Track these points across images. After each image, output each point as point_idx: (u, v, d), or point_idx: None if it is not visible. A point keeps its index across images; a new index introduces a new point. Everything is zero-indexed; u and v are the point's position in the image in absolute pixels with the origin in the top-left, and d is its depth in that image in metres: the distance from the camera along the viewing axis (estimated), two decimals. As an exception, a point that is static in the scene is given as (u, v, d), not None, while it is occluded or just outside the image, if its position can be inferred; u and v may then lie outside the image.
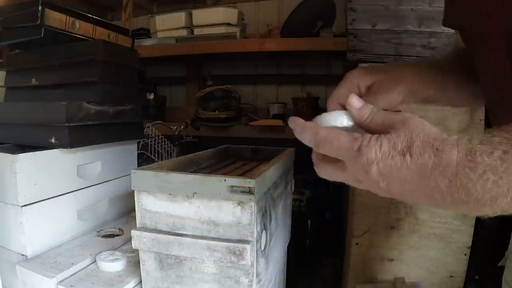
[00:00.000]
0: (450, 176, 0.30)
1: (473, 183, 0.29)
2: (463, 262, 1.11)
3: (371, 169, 0.33)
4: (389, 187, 0.33)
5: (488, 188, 0.29)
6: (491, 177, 0.28)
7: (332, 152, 0.35)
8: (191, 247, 0.61)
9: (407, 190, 0.33)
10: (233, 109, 1.79)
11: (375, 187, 0.34)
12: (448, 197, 0.31)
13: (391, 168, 0.32)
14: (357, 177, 0.35)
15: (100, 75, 0.87)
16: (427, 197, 0.32)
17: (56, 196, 0.78)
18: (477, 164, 0.29)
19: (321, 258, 1.61)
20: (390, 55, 1.10)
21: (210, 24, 1.77)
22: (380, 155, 0.32)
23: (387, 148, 0.32)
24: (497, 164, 0.28)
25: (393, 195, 0.34)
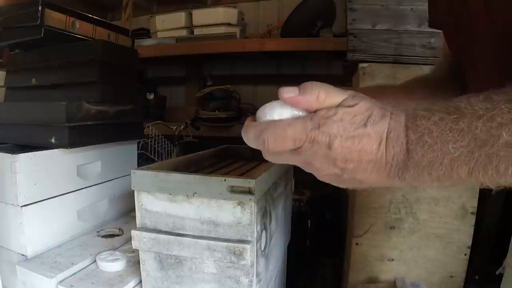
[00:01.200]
0: (402, 138, 0.31)
1: (414, 146, 0.30)
2: (463, 262, 1.11)
3: (333, 144, 0.32)
4: (345, 162, 0.33)
5: (425, 151, 0.30)
6: (427, 140, 0.30)
7: (287, 143, 0.33)
8: (191, 247, 0.61)
9: (363, 163, 0.32)
10: (233, 109, 1.79)
11: (328, 165, 0.33)
12: (398, 163, 0.31)
13: (353, 141, 0.32)
14: (310, 158, 0.34)
15: (100, 75, 0.87)
16: (379, 165, 0.32)
17: (56, 196, 0.78)
18: (418, 127, 0.30)
19: (321, 258, 1.61)
20: (390, 55, 1.10)
21: (210, 24, 1.76)
22: (342, 129, 0.32)
23: (348, 120, 0.32)
24: (432, 128, 0.30)
25: (343, 175, 0.34)
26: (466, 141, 0.28)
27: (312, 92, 0.34)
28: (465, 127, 0.29)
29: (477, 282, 1.19)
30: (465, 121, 0.29)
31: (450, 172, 0.30)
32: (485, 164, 0.28)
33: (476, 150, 0.28)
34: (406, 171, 0.31)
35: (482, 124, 0.28)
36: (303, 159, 0.34)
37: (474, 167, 0.29)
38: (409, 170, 0.31)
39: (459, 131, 0.29)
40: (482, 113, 0.28)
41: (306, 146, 0.33)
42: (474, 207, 1.08)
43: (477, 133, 0.28)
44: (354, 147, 0.32)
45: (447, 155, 0.29)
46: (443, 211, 1.09)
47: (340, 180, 0.35)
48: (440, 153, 0.29)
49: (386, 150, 0.32)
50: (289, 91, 0.34)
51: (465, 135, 0.29)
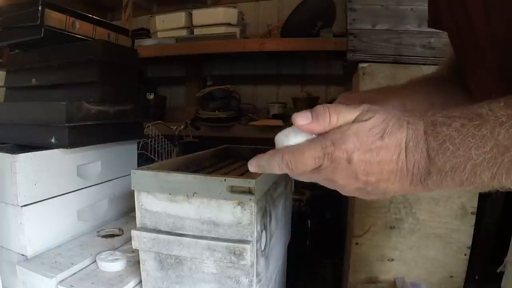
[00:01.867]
0: (422, 146, 0.31)
1: (436, 153, 0.31)
2: (463, 262, 1.11)
3: (353, 159, 0.33)
4: (367, 175, 0.33)
5: (447, 157, 0.30)
6: (449, 147, 0.30)
7: (308, 163, 0.34)
8: (191, 247, 0.61)
9: (384, 175, 0.33)
10: (233, 109, 1.79)
11: (351, 180, 0.34)
12: (419, 170, 0.32)
13: (371, 153, 0.33)
14: (332, 175, 0.34)
15: (100, 75, 0.87)
16: (401, 175, 0.33)
17: (56, 196, 0.78)
18: (438, 134, 0.31)
19: (321, 258, 1.61)
20: (390, 55, 1.10)
21: (210, 24, 1.76)
22: (359, 143, 0.33)
23: (365, 134, 0.33)
24: (454, 135, 0.30)
25: (367, 188, 0.34)
26: (489, 147, 0.29)
27: (324, 117, 0.35)
28: (488, 133, 0.29)
29: (477, 282, 1.19)
30: (487, 127, 0.29)
31: (473, 177, 0.30)
32: (508, 168, 0.29)
33: (499, 156, 0.29)
34: (428, 178, 0.32)
35: (505, 130, 0.29)
36: (325, 177, 0.35)
37: (497, 172, 0.29)
38: (431, 177, 0.31)
39: (481, 138, 0.29)
40: (505, 120, 0.29)
41: (325, 164, 0.34)
42: (474, 207, 1.08)
43: (500, 139, 0.29)
44: (373, 159, 0.33)
45: (470, 161, 0.30)
46: (443, 211, 1.09)
47: (365, 193, 0.35)
48: (462, 159, 0.30)
49: (406, 159, 0.32)
50: (303, 118, 0.35)
51: (488, 141, 0.29)
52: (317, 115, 0.35)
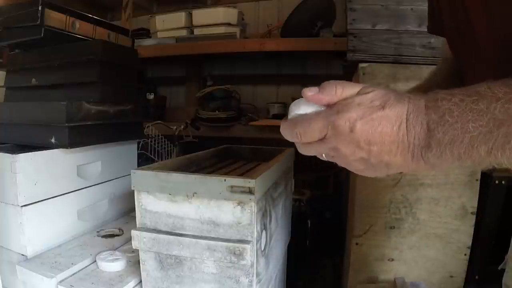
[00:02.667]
0: (422, 118, 0.33)
1: (435, 125, 0.32)
2: (463, 262, 1.11)
3: (355, 127, 0.34)
4: (369, 144, 0.34)
5: (446, 129, 0.32)
6: (448, 119, 0.32)
7: (314, 133, 0.37)
8: (191, 247, 0.61)
9: (386, 145, 0.34)
10: (233, 109, 1.79)
11: (354, 149, 0.35)
12: (420, 142, 0.33)
13: (373, 123, 0.34)
14: (336, 143, 0.36)
15: (100, 75, 0.87)
16: (402, 146, 0.34)
17: (56, 196, 0.78)
18: (439, 107, 0.32)
19: (321, 258, 1.61)
20: (390, 55, 1.10)
21: (210, 24, 1.76)
22: (361, 112, 0.35)
23: (366, 105, 0.35)
24: (453, 108, 0.32)
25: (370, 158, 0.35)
26: (485, 120, 0.30)
27: (330, 88, 0.38)
28: (484, 107, 0.30)
29: (477, 282, 1.19)
30: (484, 102, 0.30)
31: (470, 150, 0.31)
32: (503, 143, 0.30)
33: (495, 130, 0.30)
34: (428, 150, 0.33)
35: (500, 105, 0.30)
36: (330, 146, 0.37)
37: (493, 146, 0.30)
38: (431, 149, 0.33)
39: (478, 111, 0.30)
40: (501, 96, 0.30)
41: (329, 133, 0.36)
42: (474, 207, 1.08)
43: (496, 113, 0.30)
44: (374, 129, 0.34)
45: (467, 134, 0.31)
46: (443, 211, 1.09)
47: (369, 165, 0.36)
48: (460, 132, 0.31)
49: (407, 130, 0.33)
50: (311, 90, 0.38)
51: (484, 115, 0.30)
52: (324, 87, 0.38)
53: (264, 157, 0.95)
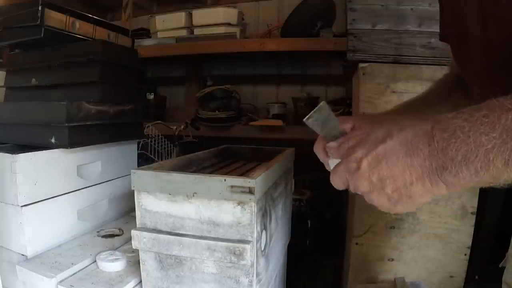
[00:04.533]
0: (429, 139, 0.33)
1: (447, 143, 0.32)
2: (463, 262, 1.11)
3: (361, 165, 0.36)
4: (380, 179, 0.36)
5: (458, 145, 0.32)
6: (460, 135, 0.32)
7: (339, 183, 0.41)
8: (191, 247, 0.61)
9: (396, 175, 0.35)
10: (233, 109, 1.79)
11: (369, 185, 0.37)
12: (432, 164, 0.33)
13: (377, 156, 0.36)
14: (354, 183, 0.39)
15: (100, 75, 0.87)
16: (416, 173, 0.34)
17: (56, 196, 0.78)
18: (448, 126, 0.33)
19: (321, 258, 1.61)
20: (390, 55, 1.10)
21: (210, 24, 1.76)
22: (366, 150, 0.37)
23: (370, 142, 0.37)
24: (463, 124, 0.32)
25: (387, 190, 0.36)
26: (498, 132, 0.30)
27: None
28: (496, 119, 0.30)
29: (477, 282, 1.19)
30: (495, 114, 0.30)
31: (487, 164, 0.31)
32: None
33: (509, 141, 0.30)
34: (444, 170, 0.33)
35: (511, 116, 0.30)
36: (353, 187, 0.39)
37: (509, 157, 0.30)
38: (446, 168, 0.32)
39: (490, 123, 0.30)
40: (510, 107, 0.30)
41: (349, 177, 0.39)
42: (474, 207, 1.08)
43: (508, 124, 0.30)
44: (380, 162, 0.35)
45: (481, 147, 0.31)
46: (443, 211, 1.09)
47: (392, 200, 0.37)
48: (474, 146, 0.31)
49: (414, 154, 0.34)
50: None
51: (496, 126, 0.30)
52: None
53: (264, 157, 0.95)
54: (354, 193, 0.43)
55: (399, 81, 1.09)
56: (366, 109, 1.10)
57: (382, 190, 0.36)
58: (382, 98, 1.09)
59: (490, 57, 0.44)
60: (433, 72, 1.06)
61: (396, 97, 1.09)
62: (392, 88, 1.09)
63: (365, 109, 1.10)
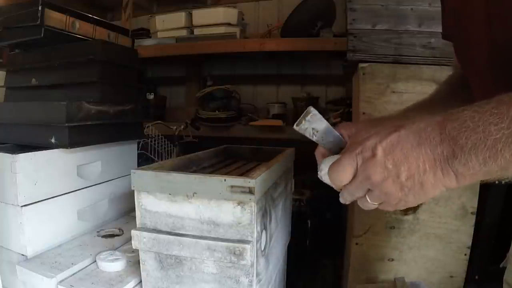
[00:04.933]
0: (440, 129, 0.34)
1: (457, 132, 0.33)
2: (463, 262, 1.11)
3: (376, 151, 0.37)
4: (395, 165, 0.36)
5: (468, 134, 0.33)
6: (470, 125, 0.33)
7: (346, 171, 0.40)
8: (191, 247, 0.61)
9: (410, 162, 0.36)
10: (233, 109, 1.79)
11: (384, 172, 0.37)
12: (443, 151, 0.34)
13: (391, 142, 0.36)
14: (367, 171, 0.38)
15: (100, 75, 0.87)
16: (428, 161, 0.35)
17: (56, 196, 0.78)
18: (459, 116, 0.34)
19: (321, 258, 1.61)
20: (390, 55, 1.10)
21: (210, 24, 1.76)
22: (379, 138, 0.38)
23: (383, 132, 0.38)
24: (473, 114, 0.33)
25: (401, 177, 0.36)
26: (507, 123, 0.31)
27: None
28: (505, 111, 0.31)
29: (477, 282, 1.19)
30: (504, 107, 0.31)
31: (495, 153, 0.32)
32: None
33: None
34: (454, 158, 0.34)
35: None
36: (362, 177, 0.39)
37: None
38: (456, 156, 0.33)
39: (499, 114, 0.31)
40: None
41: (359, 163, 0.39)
42: (474, 207, 1.08)
43: None
44: (394, 148, 0.36)
45: (490, 137, 0.31)
46: (443, 211, 1.09)
47: (404, 188, 0.37)
48: (483, 135, 0.32)
49: (427, 141, 0.35)
50: None
51: (505, 117, 0.31)
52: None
53: (264, 157, 0.95)
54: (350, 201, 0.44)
55: (399, 81, 1.09)
56: (366, 109, 1.10)
57: (397, 177, 0.36)
58: (382, 98, 1.09)
59: (494, 57, 0.44)
60: (433, 72, 1.06)
61: (396, 97, 1.09)
62: (392, 88, 1.09)
63: (365, 109, 1.10)
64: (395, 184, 0.37)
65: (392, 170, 0.36)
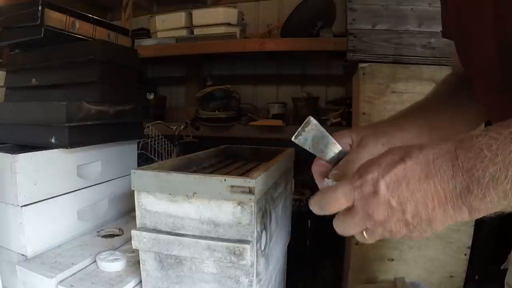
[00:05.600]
0: (452, 160, 0.30)
1: (473, 163, 0.29)
2: (463, 262, 1.11)
3: (379, 186, 0.32)
4: (400, 203, 0.32)
5: (485, 165, 0.29)
6: (487, 154, 0.29)
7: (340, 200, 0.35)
8: (191, 247, 0.61)
9: (418, 199, 0.32)
10: (233, 109, 1.79)
11: (387, 211, 0.33)
12: (456, 187, 0.30)
13: (396, 177, 0.32)
14: (367, 209, 0.33)
15: (100, 75, 0.87)
16: (438, 197, 0.31)
17: (56, 196, 0.78)
18: (473, 144, 0.30)
19: (321, 258, 1.61)
20: (390, 55, 1.10)
21: (210, 24, 1.76)
22: (382, 170, 0.32)
23: (386, 162, 0.33)
24: (491, 142, 0.29)
25: (407, 216, 0.33)
26: None
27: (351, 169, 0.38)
28: None
29: (477, 282, 1.19)
30: None
31: None
32: None
33: None
34: (469, 194, 0.30)
35: None
36: (361, 215, 0.34)
37: None
38: (472, 191, 0.29)
39: None
40: None
41: (356, 198, 0.34)
42: (474, 207, 1.08)
43: None
44: (400, 183, 0.31)
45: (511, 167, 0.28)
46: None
47: (410, 227, 0.33)
48: (502, 166, 0.28)
49: (437, 176, 0.31)
50: None
51: None
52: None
53: (264, 157, 0.95)
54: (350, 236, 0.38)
55: (399, 81, 1.09)
56: (366, 109, 1.10)
57: (402, 215, 0.32)
58: (382, 98, 1.09)
59: (504, 57, 0.42)
60: (433, 72, 1.06)
61: (396, 97, 1.09)
62: (392, 88, 1.09)
63: (365, 109, 1.10)
64: (400, 222, 0.33)
65: (396, 209, 0.32)
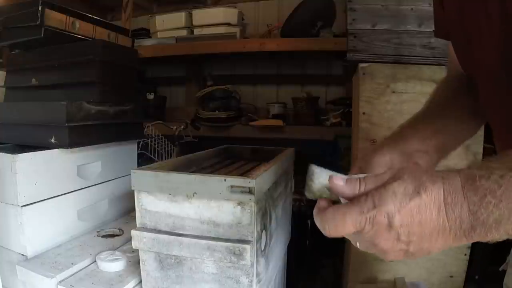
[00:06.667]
0: (461, 200, 0.31)
1: (478, 206, 0.30)
2: (463, 262, 1.11)
3: (394, 222, 0.32)
4: (408, 236, 0.33)
5: (491, 210, 0.30)
6: (491, 200, 0.30)
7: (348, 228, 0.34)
8: (191, 247, 0.61)
9: (426, 233, 0.32)
10: (233, 109, 1.79)
11: (394, 243, 0.34)
12: (462, 225, 0.31)
13: (411, 213, 0.32)
14: (374, 239, 0.34)
15: (100, 75, 0.87)
16: (443, 233, 0.32)
17: (56, 196, 0.78)
18: (478, 188, 0.31)
19: (321, 258, 1.61)
20: (390, 55, 1.10)
21: (210, 24, 1.77)
22: (398, 203, 0.32)
23: (401, 193, 0.32)
24: (494, 187, 0.30)
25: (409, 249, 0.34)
26: None
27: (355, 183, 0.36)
28: None
29: (477, 282, 1.19)
30: None
31: None
32: None
33: None
34: (473, 231, 0.31)
35: None
36: (367, 240, 0.35)
37: None
38: (475, 230, 0.31)
39: None
40: None
41: (367, 228, 0.34)
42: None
43: None
44: (414, 219, 0.32)
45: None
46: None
47: (409, 254, 0.35)
48: (506, 211, 0.29)
49: (447, 215, 0.32)
50: (338, 179, 0.37)
51: None
52: (350, 181, 0.36)
53: (264, 157, 0.95)
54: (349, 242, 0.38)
55: (399, 81, 1.09)
56: (366, 109, 1.10)
57: (406, 247, 0.34)
58: (382, 98, 1.09)
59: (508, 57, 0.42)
60: (433, 72, 1.06)
61: (396, 97, 1.09)
62: (392, 88, 1.09)
63: (365, 109, 1.10)
64: (401, 251, 0.34)
65: (404, 241, 0.33)
